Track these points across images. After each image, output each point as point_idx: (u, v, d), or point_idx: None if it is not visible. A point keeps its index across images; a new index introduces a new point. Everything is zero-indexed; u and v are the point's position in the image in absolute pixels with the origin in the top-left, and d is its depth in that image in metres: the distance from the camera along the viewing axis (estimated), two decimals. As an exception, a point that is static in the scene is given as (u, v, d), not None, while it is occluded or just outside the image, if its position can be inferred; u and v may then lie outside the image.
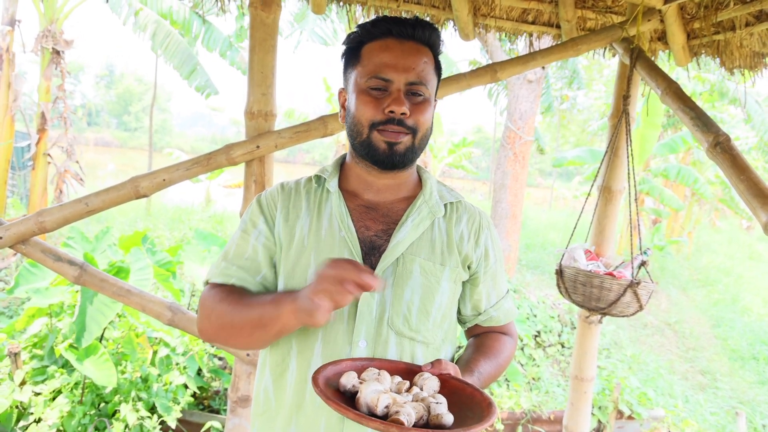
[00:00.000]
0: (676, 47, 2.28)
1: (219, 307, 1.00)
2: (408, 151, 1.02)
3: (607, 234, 2.48)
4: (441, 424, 0.77)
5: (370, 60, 1.01)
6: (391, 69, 0.99)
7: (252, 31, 1.99)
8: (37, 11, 6.41)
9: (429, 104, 1.03)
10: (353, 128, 1.03)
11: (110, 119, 41.55)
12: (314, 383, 0.79)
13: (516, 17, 2.44)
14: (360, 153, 1.05)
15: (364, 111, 1.00)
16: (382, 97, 1.00)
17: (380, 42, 1.02)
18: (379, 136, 1.00)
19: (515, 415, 4.09)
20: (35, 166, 6.58)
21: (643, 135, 7.08)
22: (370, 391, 0.78)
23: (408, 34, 1.02)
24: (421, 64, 1.01)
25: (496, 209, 7.59)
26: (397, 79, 0.99)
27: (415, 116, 1.00)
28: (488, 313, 1.17)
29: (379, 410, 0.76)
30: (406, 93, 1.00)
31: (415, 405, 0.78)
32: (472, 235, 1.12)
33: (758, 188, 1.57)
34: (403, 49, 1.01)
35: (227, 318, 0.99)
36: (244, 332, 0.97)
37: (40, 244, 1.99)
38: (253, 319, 0.95)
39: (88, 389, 2.99)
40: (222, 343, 1.07)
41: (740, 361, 7.24)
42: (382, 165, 1.03)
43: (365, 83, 1.01)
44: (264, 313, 0.94)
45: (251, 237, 1.07)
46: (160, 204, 10.41)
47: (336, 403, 0.74)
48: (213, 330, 1.02)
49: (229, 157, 1.98)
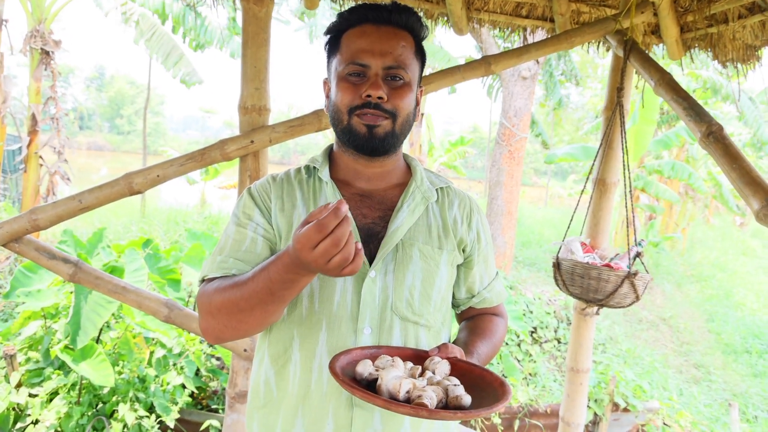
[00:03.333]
0: (670, 40, 2.29)
1: (219, 293, 0.93)
2: (388, 135, 1.01)
3: (602, 227, 2.49)
4: (460, 405, 0.78)
5: (348, 47, 1.02)
6: (368, 54, 0.99)
7: (244, 26, 1.98)
8: (25, 11, 6.36)
9: (409, 88, 1.02)
10: (334, 116, 1.04)
11: (102, 123, 41.35)
12: (333, 373, 0.80)
13: (510, 11, 2.45)
14: (342, 140, 1.05)
15: (343, 97, 1.01)
16: (360, 83, 1.00)
17: (358, 29, 1.02)
18: (358, 120, 1.00)
19: (512, 409, 4.10)
20: (27, 168, 6.53)
21: (639, 130, 7.12)
22: (391, 377, 0.79)
23: (385, 18, 1.02)
24: (399, 48, 1.01)
25: (492, 206, 7.61)
26: (374, 63, 0.99)
27: (393, 100, 1.00)
28: (481, 295, 1.18)
29: (401, 396, 0.77)
30: (384, 77, 1.00)
31: (434, 388, 0.79)
32: (465, 218, 1.13)
33: (750, 176, 1.58)
34: (380, 33, 1.01)
35: (231, 301, 0.91)
36: (251, 309, 0.89)
37: (33, 242, 1.97)
38: (256, 290, 0.86)
39: (85, 390, 2.97)
40: (231, 335, 0.95)
41: (733, 355, 7.30)
42: (363, 150, 1.02)
43: (344, 70, 1.01)
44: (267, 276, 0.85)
45: (248, 229, 1.04)
46: (154, 206, 10.36)
47: (362, 392, 0.75)
48: (218, 323, 0.94)
49: (223, 152, 1.97)
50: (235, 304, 0.90)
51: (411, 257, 1.03)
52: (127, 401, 2.92)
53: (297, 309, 1.02)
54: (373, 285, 1.00)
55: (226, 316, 0.93)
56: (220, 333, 0.96)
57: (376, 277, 1.01)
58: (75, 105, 36.68)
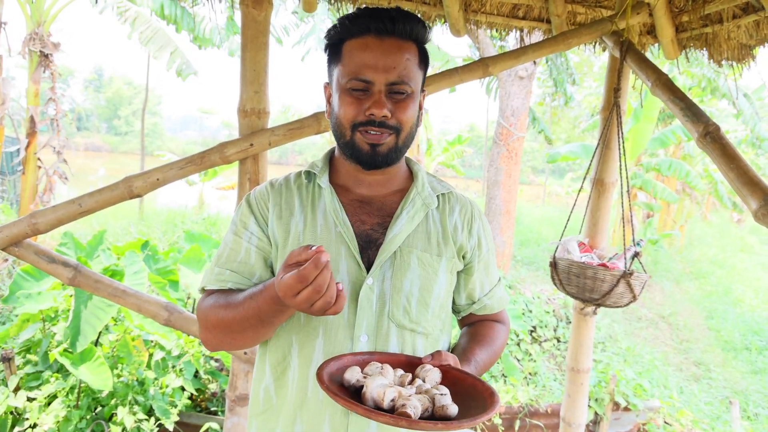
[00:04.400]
0: (665, 40, 2.30)
1: (214, 313, 0.99)
2: (391, 151, 1.01)
3: (600, 226, 2.50)
4: (446, 415, 0.78)
5: (351, 59, 0.99)
6: (371, 70, 0.97)
7: (243, 29, 1.99)
8: (24, 13, 6.36)
9: (412, 100, 1.01)
10: (337, 128, 1.03)
11: (100, 124, 41.28)
12: (319, 380, 0.80)
13: (507, 12, 2.45)
14: (345, 153, 1.05)
15: (346, 112, 0.99)
16: (363, 98, 0.98)
17: (360, 40, 0.99)
18: (361, 138, 0.99)
19: (513, 409, 4.10)
20: (25, 170, 6.53)
21: (638, 129, 7.13)
22: (376, 385, 0.79)
23: (388, 30, 0.98)
24: (403, 62, 0.98)
25: (490, 206, 7.62)
26: (378, 80, 0.97)
27: (397, 115, 0.99)
28: (482, 302, 1.18)
29: (385, 404, 0.77)
30: (387, 93, 0.98)
31: (420, 397, 0.79)
32: (465, 225, 1.12)
33: (748, 176, 1.59)
34: (383, 47, 0.98)
35: (224, 322, 0.97)
36: (248, 334, 0.96)
37: (33, 246, 1.97)
38: (251, 321, 0.93)
39: (84, 393, 2.97)
40: (228, 348, 1.04)
41: (733, 352, 7.31)
42: (366, 165, 1.03)
43: (346, 84, 0.99)
44: (260, 310, 0.91)
45: (243, 239, 1.06)
46: (153, 208, 10.36)
47: (344, 399, 0.74)
48: (215, 338, 1.01)
49: (222, 155, 1.97)
50: (228, 325, 0.97)
51: (409, 264, 1.03)
52: (126, 404, 2.92)
53: (295, 316, 1.02)
54: (370, 292, 1.00)
55: (221, 333, 0.99)
56: (217, 346, 1.04)
57: (374, 284, 1.01)
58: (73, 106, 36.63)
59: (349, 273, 1.01)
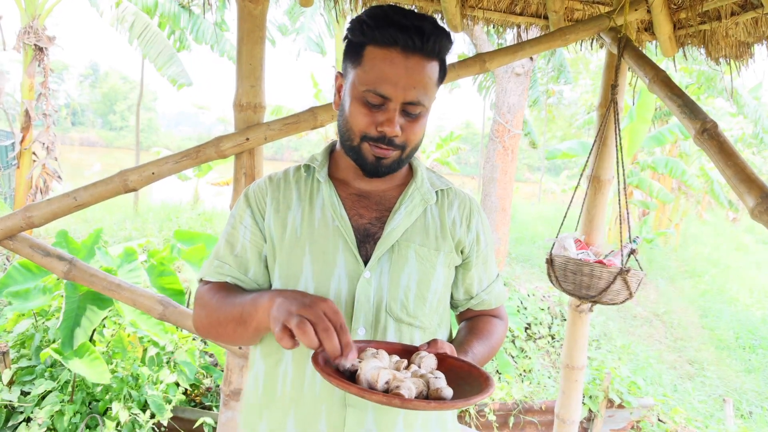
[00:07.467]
0: (663, 37, 2.30)
1: (209, 303, 1.03)
2: (394, 162, 1.01)
3: (596, 223, 2.50)
4: (441, 398, 0.77)
5: (372, 69, 0.94)
6: (391, 86, 0.93)
7: (240, 23, 1.97)
8: (18, 7, 6.32)
9: (423, 118, 0.99)
10: (344, 131, 1.01)
11: (95, 118, 41.11)
12: (314, 362, 0.79)
13: (504, 8, 2.44)
14: (348, 155, 1.04)
15: (358, 121, 0.97)
16: (377, 111, 0.96)
17: (384, 51, 0.93)
18: (369, 149, 0.98)
19: (507, 406, 4.11)
20: (20, 164, 6.49)
21: (634, 127, 7.15)
22: (370, 367, 0.78)
23: (417, 47, 0.93)
24: (425, 80, 0.95)
25: (486, 203, 7.62)
26: (396, 97, 0.94)
27: (407, 134, 0.98)
28: (480, 297, 1.18)
29: (379, 385, 0.76)
30: (401, 110, 0.96)
31: (414, 380, 0.78)
32: (464, 220, 1.12)
33: (745, 173, 1.59)
34: (408, 65, 0.93)
35: (215, 314, 1.01)
36: (229, 328, 0.99)
37: (28, 240, 1.96)
38: (235, 316, 0.96)
39: (78, 388, 2.96)
40: (214, 338, 1.08)
41: (727, 350, 7.36)
42: (368, 174, 1.03)
43: (363, 93, 0.95)
44: (244, 310, 0.94)
45: (239, 233, 1.07)
46: (147, 203, 10.31)
47: (337, 379, 0.74)
48: (204, 326, 1.05)
49: (218, 149, 1.96)
50: (220, 323, 1.00)
51: (407, 258, 1.03)
52: (120, 399, 2.91)
53: None
54: (367, 285, 1.00)
55: (215, 329, 1.03)
56: (205, 333, 1.07)
57: (371, 278, 1.01)
58: (68, 101, 36.44)
59: (346, 266, 1.00)
